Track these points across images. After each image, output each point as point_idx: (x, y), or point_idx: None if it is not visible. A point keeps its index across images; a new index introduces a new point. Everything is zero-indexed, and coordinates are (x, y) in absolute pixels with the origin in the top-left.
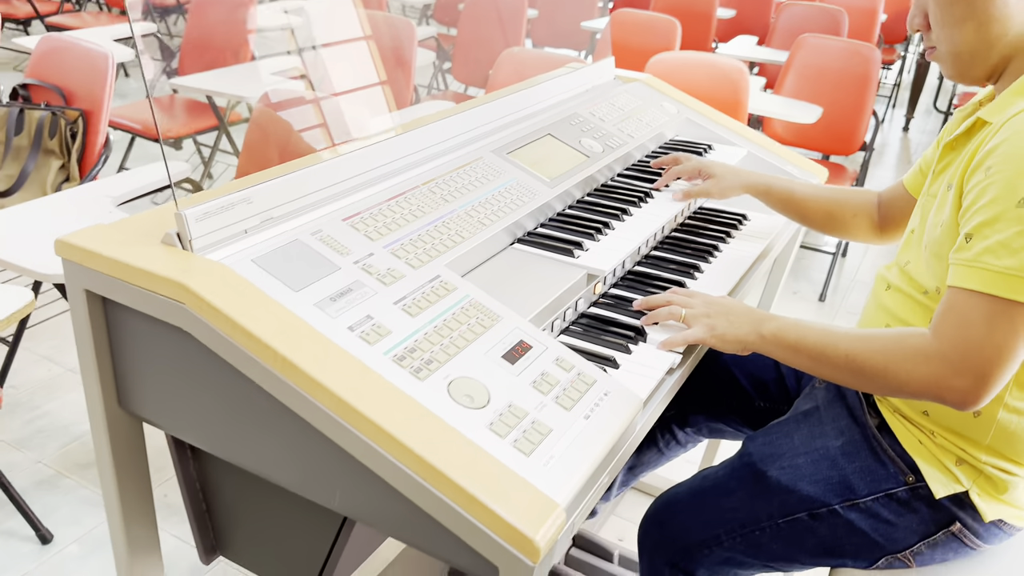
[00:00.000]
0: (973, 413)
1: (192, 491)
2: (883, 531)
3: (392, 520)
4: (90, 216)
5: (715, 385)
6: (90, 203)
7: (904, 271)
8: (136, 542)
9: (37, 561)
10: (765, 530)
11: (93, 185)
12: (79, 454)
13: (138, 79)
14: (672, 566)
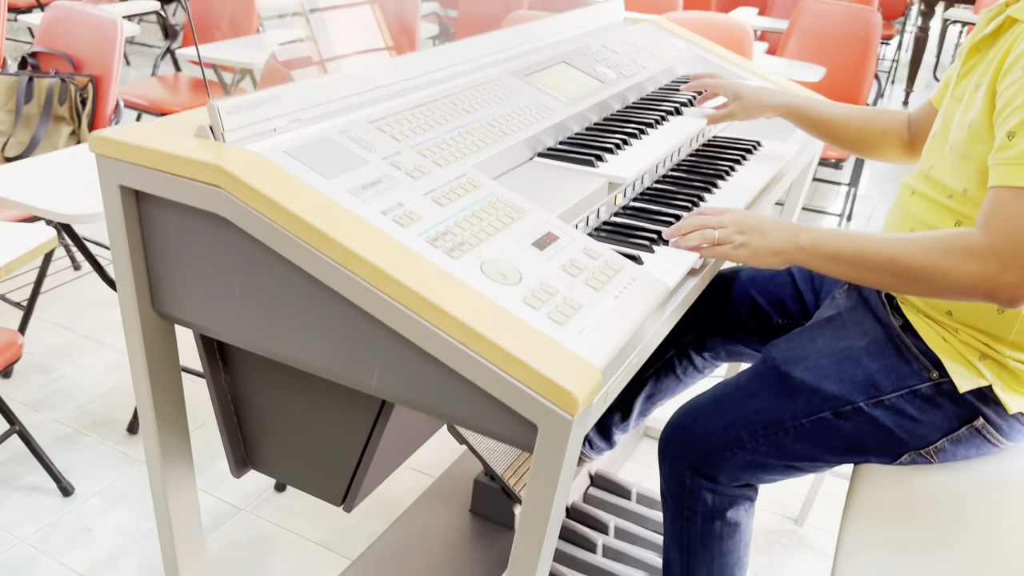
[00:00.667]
0: (997, 309)
1: (224, 403)
2: (907, 427)
3: (430, 393)
4: None
5: (732, 306)
6: None
7: (929, 176)
8: (169, 450)
9: (59, 512)
10: (789, 431)
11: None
12: (97, 413)
13: (137, 67)
14: (694, 471)
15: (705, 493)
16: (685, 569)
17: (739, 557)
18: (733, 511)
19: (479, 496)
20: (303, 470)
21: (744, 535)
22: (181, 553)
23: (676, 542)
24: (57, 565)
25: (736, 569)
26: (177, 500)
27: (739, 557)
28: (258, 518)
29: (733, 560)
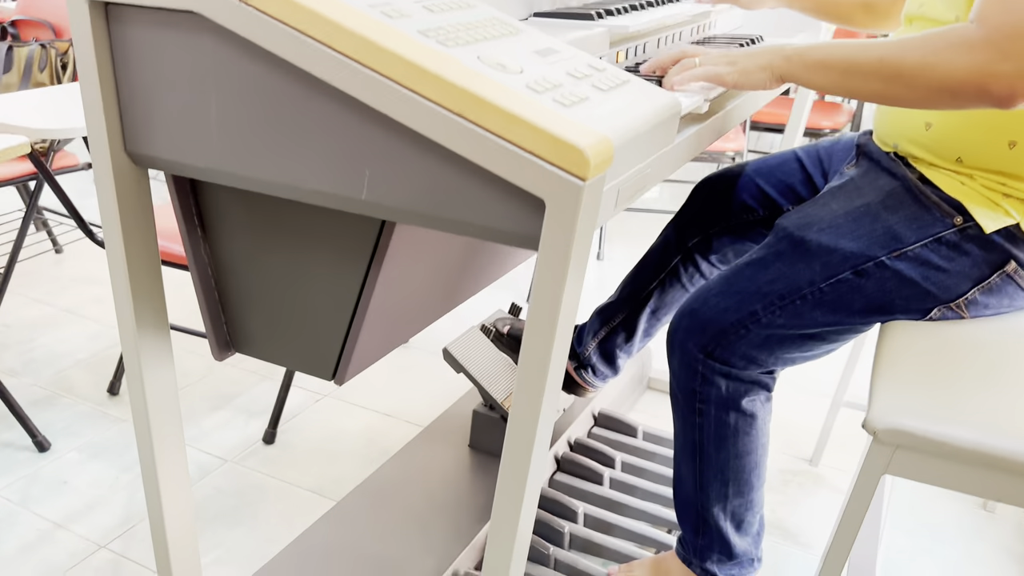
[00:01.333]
0: (1009, 145)
1: (204, 277)
2: (935, 279)
3: (424, 194)
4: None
5: (739, 199)
6: None
7: (920, 15)
8: (144, 316)
9: (35, 466)
10: (807, 298)
11: None
12: (76, 377)
13: None
14: (707, 355)
15: (718, 379)
16: (698, 477)
17: (756, 461)
18: (749, 400)
19: (478, 429)
20: (290, 344)
21: (761, 432)
22: (161, 459)
23: (688, 448)
24: (31, 515)
25: (753, 475)
26: (154, 377)
27: (756, 461)
28: (246, 468)
29: (750, 463)
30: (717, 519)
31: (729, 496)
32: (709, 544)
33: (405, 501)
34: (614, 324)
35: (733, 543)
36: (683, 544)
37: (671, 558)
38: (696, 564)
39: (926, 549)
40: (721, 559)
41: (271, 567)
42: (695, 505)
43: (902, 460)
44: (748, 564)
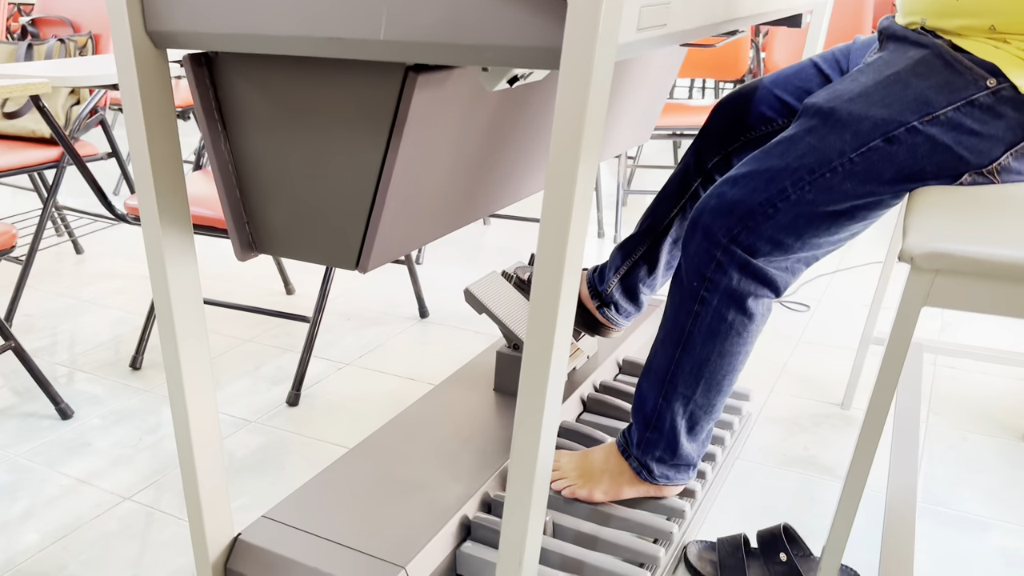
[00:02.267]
0: None
1: (225, 174)
2: (967, 143)
3: (443, 20)
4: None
5: (758, 111)
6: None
7: None
8: (167, 208)
9: (58, 432)
10: (837, 170)
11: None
12: (99, 356)
13: None
14: (731, 239)
15: (733, 270)
16: (672, 368)
17: (735, 366)
18: (754, 300)
19: (502, 370)
20: (312, 237)
21: (752, 337)
22: (185, 354)
23: (673, 336)
24: (55, 474)
25: (726, 380)
26: (177, 274)
27: (735, 366)
28: (271, 427)
29: (728, 366)
30: (675, 415)
31: (696, 395)
32: (656, 439)
33: (433, 435)
34: (635, 258)
35: (681, 443)
36: (627, 436)
37: (601, 449)
38: (635, 456)
39: (965, 479)
40: (663, 457)
41: (304, 491)
42: (657, 396)
43: (942, 287)
44: (685, 469)
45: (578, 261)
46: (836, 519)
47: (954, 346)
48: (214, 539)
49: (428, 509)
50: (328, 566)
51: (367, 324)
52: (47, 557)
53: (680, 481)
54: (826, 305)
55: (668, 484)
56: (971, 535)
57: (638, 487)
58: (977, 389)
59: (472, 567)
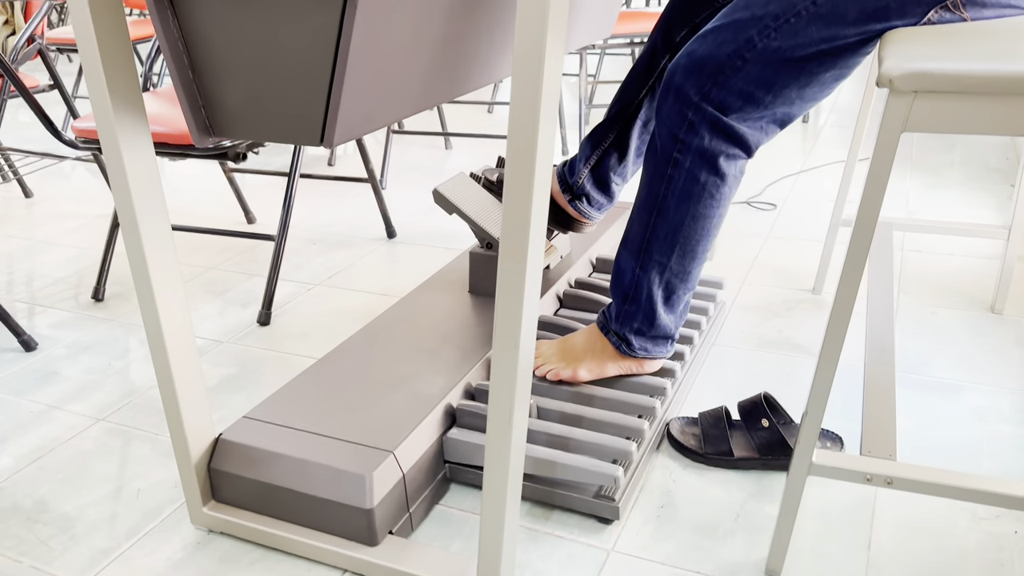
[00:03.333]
0: None
1: (177, 56)
2: None
3: None
4: None
5: None
6: None
7: None
8: (117, 86)
9: (23, 363)
10: (801, 14)
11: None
12: (59, 290)
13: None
14: (702, 97)
15: (705, 130)
16: (647, 235)
17: (708, 230)
18: (726, 160)
19: (476, 270)
20: (271, 115)
21: (725, 199)
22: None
23: (648, 204)
24: (24, 402)
25: (700, 245)
26: (135, 159)
27: (708, 230)
28: (243, 346)
29: (702, 229)
30: (651, 284)
31: (671, 261)
32: (634, 311)
33: (411, 334)
34: (605, 145)
35: (658, 313)
36: (606, 313)
37: (581, 331)
38: (614, 331)
39: (937, 349)
40: (641, 329)
41: (284, 392)
42: (634, 267)
43: (922, 109)
44: (663, 342)
45: (550, 145)
46: (816, 378)
47: (922, 222)
48: (195, 441)
49: (412, 399)
50: (314, 455)
51: (334, 247)
52: (23, 478)
53: (659, 354)
54: (792, 204)
55: (648, 357)
56: (947, 398)
57: (619, 362)
58: (944, 269)
59: (459, 452)
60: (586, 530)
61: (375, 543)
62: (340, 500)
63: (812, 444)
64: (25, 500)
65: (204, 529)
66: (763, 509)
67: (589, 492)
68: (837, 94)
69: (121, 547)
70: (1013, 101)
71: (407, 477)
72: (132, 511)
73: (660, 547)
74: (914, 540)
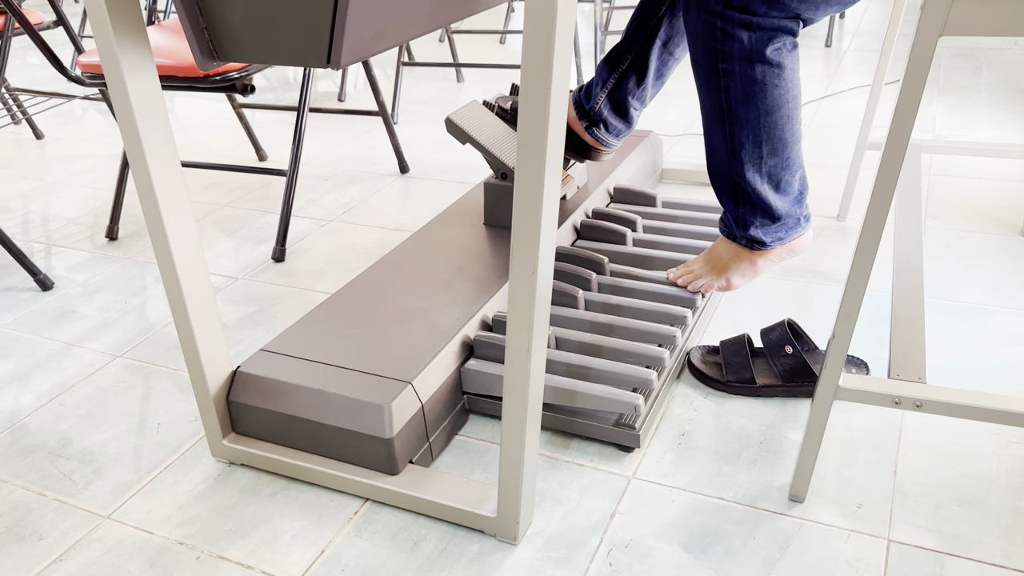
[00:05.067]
0: None
1: None
2: None
3: None
4: None
5: None
6: None
7: None
8: (120, 22)
9: (41, 302)
10: None
11: None
12: (72, 231)
13: None
14: (725, 5)
15: (740, 32)
16: (729, 143)
17: (788, 115)
18: (774, 49)
19: (491, 202)
20: (276, 36)
21: (790, 83)
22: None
23: (715, 115)
24: (42, 340)
25: (787, 130)
26: (137, 83)
27: (788, 115)
28: (259, 282)
29: (782, 118)
30: (754, 183)
31: (764, 156)
32: (750, 211)
33: (426, 266)
34: (623, 68)
35: (773, 205)
36: (725, 222)
37: (719, 242)
38: (740, 235)
39: (966, 273)
40: (764, 223)
41: (300, 324)
42: (730, 174)
43: (961, 10)
44: (794, 225)
45: (566, 70)
46: (844, 301)
47: (951, 143)
48: (213, 374)
49: (429, 331)
50: (333, 386)
51: (346, 183)
52: (45, 414)
53: (796, 234)
54: (815, 129)
55: (788, 241)
56: (975, 323)
57: (768, 256)
58: (973, 193)
59: (478, 382)
60: (607, 458)
61: (395, 472)
62: (360, 430)
63: (839, 368)
64: (47, 436)
65: (225, 461)
66: (786, 435)
67: (609, 421)
68: (861, 16)
69: (143, 480)
70: None
71: (426, 407)
72: (153, 445)
73: (681, 474)
74: (940, 464)
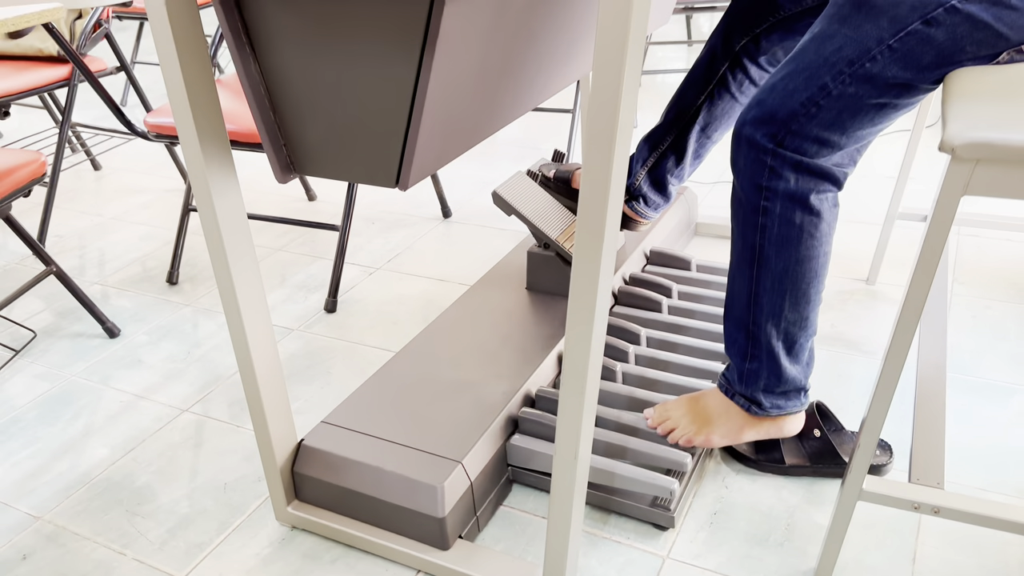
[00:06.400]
0: None
1: (259, 97)
2: (1008, 19)
3: None
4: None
5: None
6: None
7: None
8: (205, 131)
9: (108, 351)
10: (876, 59)
11: None
12: (134, 273)
13: None
14: (777, 144)
15: (788, 172)
16: (753, 288)
17: (816, 271)
18: (817, 197)
19: (534, 269)
20: (350, 156)
21: (826, 237)
22: (238, 272)
23: (746, 256)
24: (113, 391)
25: (812, 287)
26: (225, 203)
27: (816, 271)
28: (313, 334)
29: (810, 272)
30: (769, 338)
31: (785, 310)
32: (758, 369)
33: (473, 335)
34: (663, 148)
35: (784, 366)
36: (727, 376)
37: (710, 393)
38: (740, 393)
39: (990, 346)
40: (769, 385)
41: (357, 396)
42: (746, 324)
43: (983, 176)
44: (796, 395)
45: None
46: (874, 399)
47: (979, 216)
48: (280, 446)
49: (476, 406)
50: (390, 464)
51: (392, 227)
52: (120, 470)
53: (794, 408)
54: (849, 178)
55: (783, 414)
56: (995, 401)
57: (757, 426)
58: (1001, 257)
59: (523, 458)
60: (642, 536)
61: (446, 547)
62: (414, 508)
63: (863, 472)
64: (124, 493)
65: (288, 526)
66: (813, 518)
67: (646, 500)
68: None
69: (213, 542)
70: None
71: (474, 485)
72: (221, 505)
73: (713, 555)
74: (959, 555)
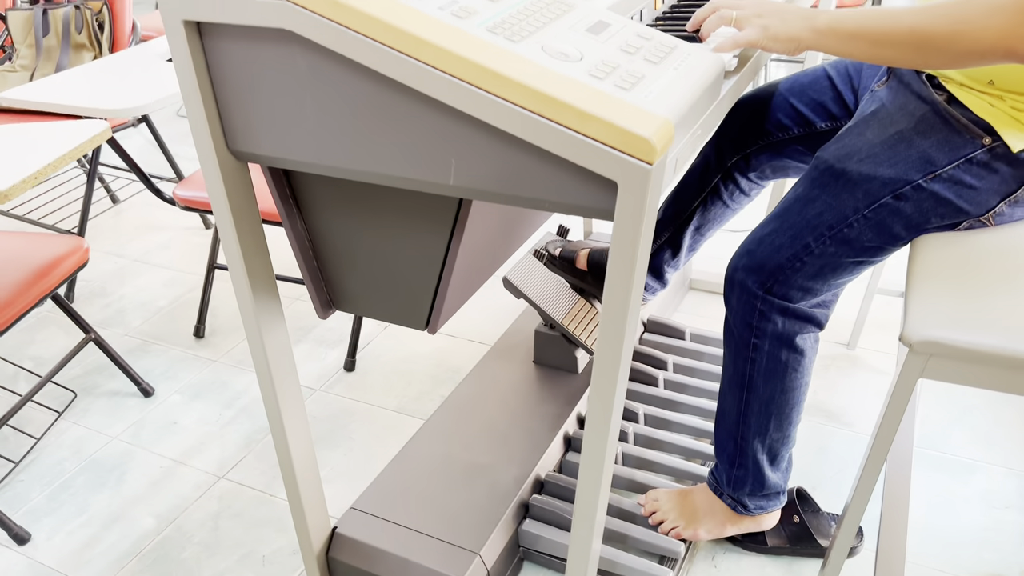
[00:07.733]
0: None
1: (303, 246)
2: (967, 196)
3: (508, 176)
4: (140, 69)
5: (774, 118)
6: (138, 60)
7: None
8: (258, 283)
9: (144, 411)
10: (853, 225)
11: (139, 47)
12: (162, 324)
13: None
14: (766, 292)
15: (776, 316)
16: (743, 409)
17: (798, 398)
18: (801, 338)
19: (540, 346)
20: (385, 300)
21: (807, 370)
22: (282, 394)
23: (737, 380)
24: (151, 455)
25: (794, 411)
26: (272, 339)
27: (798, 398)
28: (334, 395)
29: (793, 399)
30: (755, 451)
31: (770, 430)
32: (744, 476)
33: (484, 414)
34: (660, 242)
35: (766, 475)
36: (716, 476)
37: (698, 490)
38: (727, 494)
39: (957, 419)
40: (753, 490)
41: (381, 480)
42: (735, 437)
43: (935, 366)
44: (775, 497)
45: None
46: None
47: None
48: (315, 534)
49: (491, 493)
50: (416, 556)
51: None
52: (167, 542)
53: (773, 508)
54: None
55: (764, 513)
56: (959, 478)
57: (738, 523)
58: None
59: (534, 543)
60: None
61: None
62: None
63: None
64: (172, 564)
65: None
66: None
67: None
68: None
69: None
70: (1017, 373)
71: (491, 572)
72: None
73: None
74: None
